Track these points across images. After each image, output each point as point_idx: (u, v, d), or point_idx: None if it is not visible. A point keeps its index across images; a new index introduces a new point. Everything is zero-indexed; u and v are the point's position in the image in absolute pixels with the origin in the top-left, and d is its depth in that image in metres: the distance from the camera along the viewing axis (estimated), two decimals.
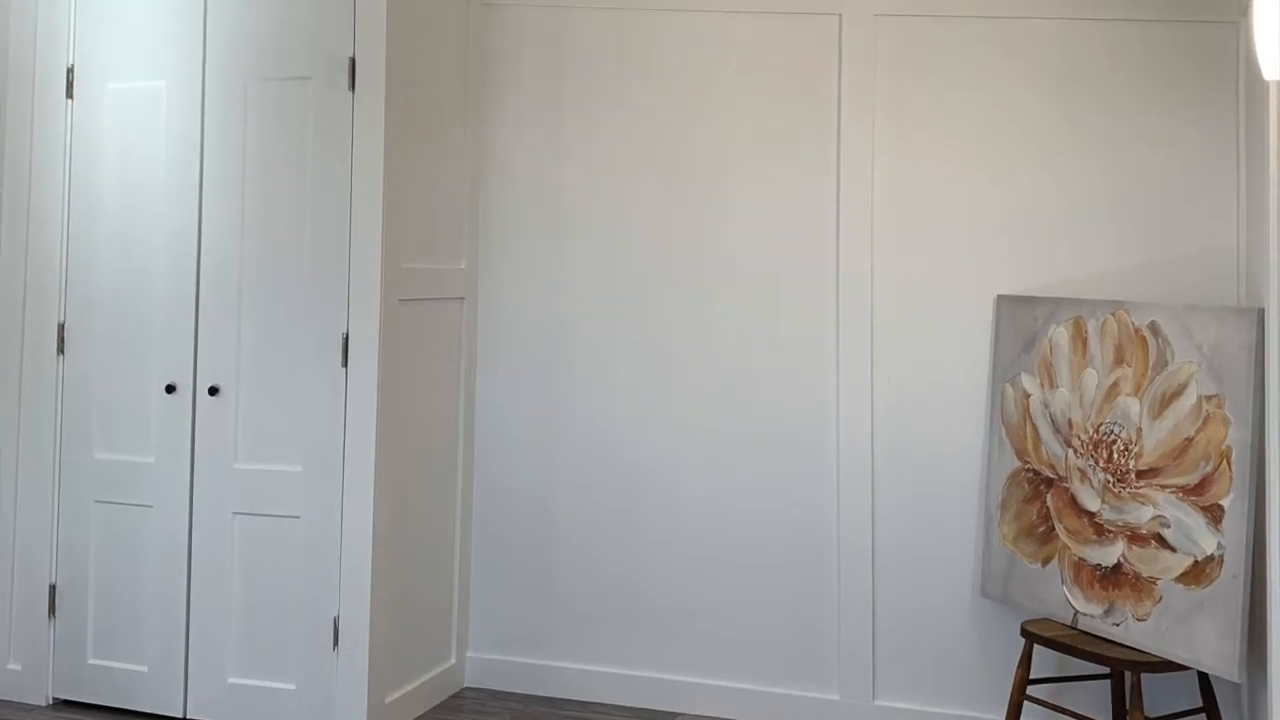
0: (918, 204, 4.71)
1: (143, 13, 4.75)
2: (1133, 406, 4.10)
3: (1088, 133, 4.58)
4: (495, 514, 5.10)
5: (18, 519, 4.85)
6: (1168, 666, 3.93)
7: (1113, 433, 4.15)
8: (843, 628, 4.72)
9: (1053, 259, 4.59)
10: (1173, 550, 3.95)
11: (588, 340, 5.02)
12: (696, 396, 4.90)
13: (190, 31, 4.68)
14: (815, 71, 4.81)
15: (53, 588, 4.80)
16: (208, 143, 4.66)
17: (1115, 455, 4.13)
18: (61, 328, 4.83)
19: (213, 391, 4.61)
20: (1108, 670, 4.33)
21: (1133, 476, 4.07)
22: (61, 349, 4.83)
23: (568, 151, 5.06)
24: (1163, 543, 3.98)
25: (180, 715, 4.63)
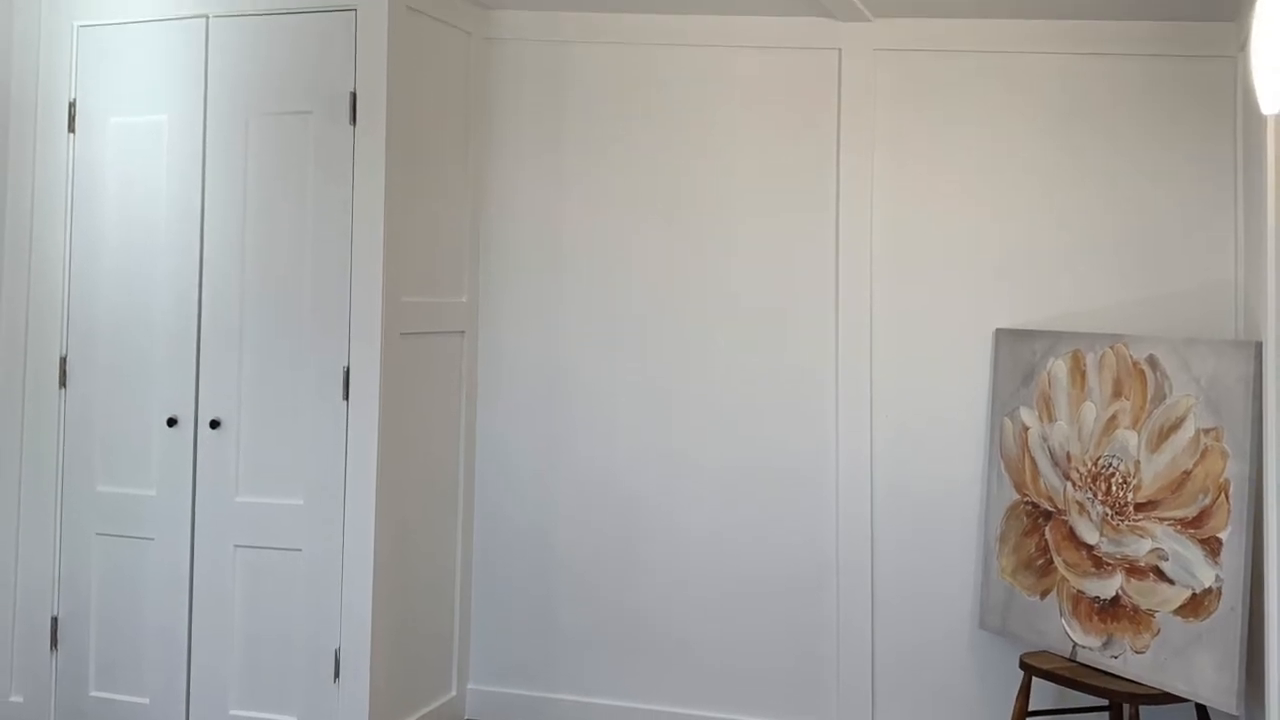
0: (917, 237, 4.73)
1: (144, 47, 4.77)
2: (1131, 439, 4.11)
3: (1088, 167, 4.61)
4: (496, 548, 5.10)
5: (19, 551, 4.86)
6: (1166, 699, 3.93)
7: (1111, 465, 4.16)
8: (842, 660, 4.72)
9: (1052, 293, 4.60)
10: (1171, 583, 3.96)
11: (588, 374, 5.03)
12: (696, 431, 4.91)
13: (192, 66, 4.70)
14: (816, 106, 4.83)
15: (54, 620, 4.81)
16: (209, 177, 4.68)
17: (1114, 488, 4.14)
18: (63, 361, 4.84)
19: (214, 425, 4.63)
20: (1106, 702, 4.34)
21: (1131, 509, 4.08)
22: (63, 382, 4.84)
23: (568, 186, 5.08)
24: (1161, 575, 3.98)
25: None
